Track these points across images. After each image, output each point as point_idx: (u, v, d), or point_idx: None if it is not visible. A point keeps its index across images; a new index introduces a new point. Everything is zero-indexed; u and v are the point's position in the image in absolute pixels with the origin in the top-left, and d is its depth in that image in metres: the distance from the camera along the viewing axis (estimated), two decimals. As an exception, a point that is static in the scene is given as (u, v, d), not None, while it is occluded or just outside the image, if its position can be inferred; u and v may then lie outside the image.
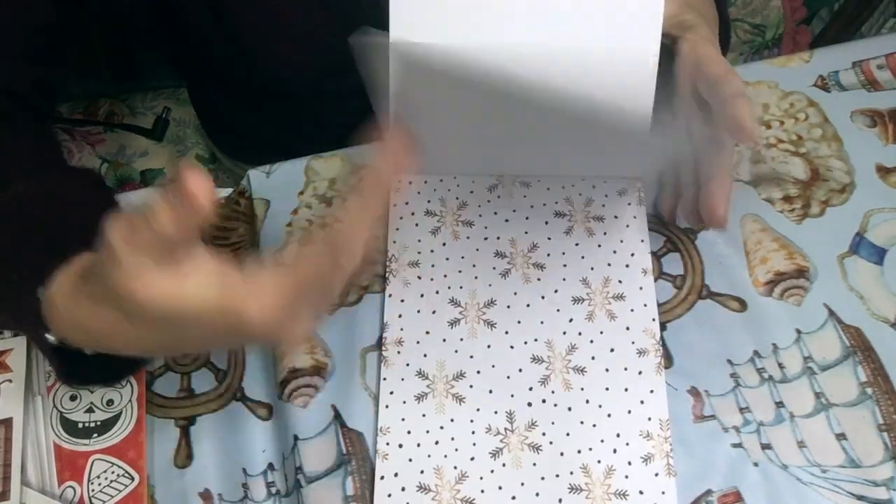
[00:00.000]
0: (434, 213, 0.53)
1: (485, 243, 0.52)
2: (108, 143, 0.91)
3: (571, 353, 0.49)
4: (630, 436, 0.46)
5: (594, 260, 0.51)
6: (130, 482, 0.46)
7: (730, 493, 0.45)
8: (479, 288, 0.50)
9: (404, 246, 0.52)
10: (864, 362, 0.49)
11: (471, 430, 0.47)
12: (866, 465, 0.46)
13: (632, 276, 0.51)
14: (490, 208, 0.53)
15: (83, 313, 0.37)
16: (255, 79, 0.65)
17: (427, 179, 0.53)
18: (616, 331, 0.49)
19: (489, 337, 0.49)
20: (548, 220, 0.52)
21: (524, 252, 0.51)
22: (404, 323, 0.50)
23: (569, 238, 0.52)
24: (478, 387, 0.48)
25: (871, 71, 0.59)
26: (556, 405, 0.47)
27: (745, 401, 0.48)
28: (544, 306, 0.50)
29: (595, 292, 0.50)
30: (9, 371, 0.48)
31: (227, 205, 0.56)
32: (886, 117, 0.58)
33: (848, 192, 0.55)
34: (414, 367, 0.49)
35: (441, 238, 0.52)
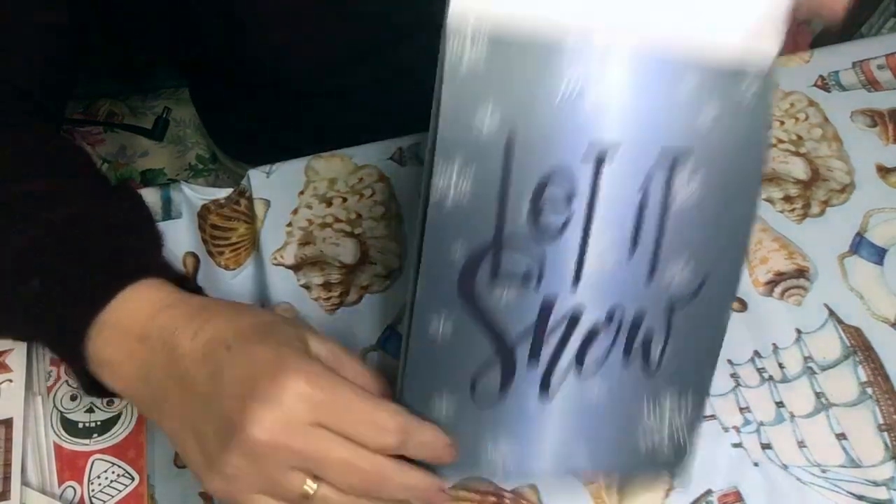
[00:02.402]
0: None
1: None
2: (108, 143, 0.91)
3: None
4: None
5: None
6: (130, 482, 0.46)
7: (730, 493, 0.45)
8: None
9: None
10: (864, 362, 0.49)
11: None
12: (866, 465, 0.46)
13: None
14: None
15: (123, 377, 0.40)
16: (257, 76, 0.65)
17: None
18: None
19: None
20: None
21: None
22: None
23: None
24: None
25: (872, 71, 0.59)
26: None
27: (745, 401, 0.48)
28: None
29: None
30: (9, 371, 0.48)
31: (227, 205, 0.56)
32: (886, 117, 0.58)
33: (848, 192, 0.55)
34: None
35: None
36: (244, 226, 0.56)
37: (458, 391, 0.40)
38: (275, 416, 0.35)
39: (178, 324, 0.39)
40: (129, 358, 0.40)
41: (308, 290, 0.52)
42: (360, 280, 0.52)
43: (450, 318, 0.39)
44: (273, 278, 0.52)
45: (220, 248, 0.55)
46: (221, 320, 0.39)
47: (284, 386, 0.35)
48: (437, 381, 0.40)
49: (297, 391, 0.35)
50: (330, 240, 0.54)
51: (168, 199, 0.56)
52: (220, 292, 0.53)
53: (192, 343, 0.38)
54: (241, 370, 0.37)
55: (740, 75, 0.39)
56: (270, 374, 0.36)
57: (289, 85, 0.65)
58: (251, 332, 0.38)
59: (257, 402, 0.35)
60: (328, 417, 0.36)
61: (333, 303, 0.52)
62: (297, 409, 0.35)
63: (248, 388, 0.36)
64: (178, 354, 0.38)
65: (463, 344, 0.39)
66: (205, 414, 0.37)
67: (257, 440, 0.35)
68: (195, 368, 0.38)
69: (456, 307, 0.39)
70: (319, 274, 0.53)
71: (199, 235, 0.55)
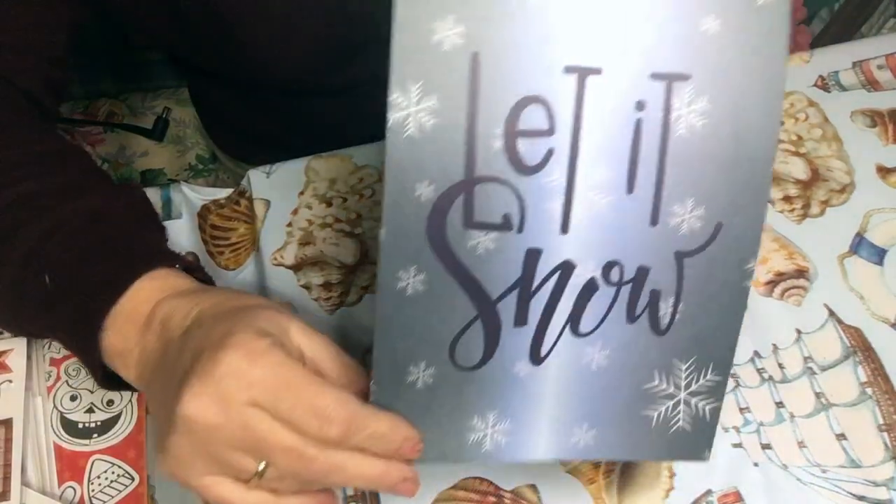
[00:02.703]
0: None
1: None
2: (108, 143, 0.91)
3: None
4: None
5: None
6: (130, 482, 0.46)
7: (730, 493, 0.45)
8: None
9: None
10: (864, 362, 0.49)
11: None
12: (866, 466, 0.46)
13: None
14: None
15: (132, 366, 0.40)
16: (254, 75, 0.65)
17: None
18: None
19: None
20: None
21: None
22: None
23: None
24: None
25: (872, 71, 0.59)
26: None
27: (745, 401, 0.48)
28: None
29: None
30: (9, 371, 0.48)
31: (227, 205, 0.56)
32: (886, 117, 0.58)
33: (848, 193, 0.55)
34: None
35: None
36: (244, 226, 0.56)
37: (437, 357, 0.35)
38: (209, 392, 0.33)
39: (175, 310, 0.39)
40: (136, 346, 0.40)
41: (308, 290, 0.52)
42: (360, 280, 0.52)
43: (421, 271, 0.34)
44: (273, 278, 0.53)
45: (220, 248, 0.55)
46: (210, 303, 0.38)
47: (220, 360, 0.33)
48: (411, 346, 0.35)
49: (231, 367, 0.33)
50: (330, 240, 0.54)
51: (168, 199, 0.56)
52: (220, 292, 0.53)
53: (180, 325, 0.38)
54: (195, 346, 0.35)
55: None
56: (211, 351, 0.34)
57: (282, 83, 0.65)
58: (226, 313, 0.37)
59: (195, 377, 0.33)
60: (264, 397, 0.33)
61: (333, 303, 0.52)
62: (231, 386, 0.33)
63: (190, 364, 0.34)
64: (167, 338, 0.38)
65: (438, 302, 0.35)
66: (164, 396, 0.36)
67: (190, 417, 0.33)
68: (172, 349, 0.37)
69: (427, 258, 0.34)
70: (319, 274, 0.53)
71: (199, 235, 0.55)
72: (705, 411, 0.38)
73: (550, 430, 0.37)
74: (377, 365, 0.35)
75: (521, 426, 0.37)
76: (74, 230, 0.43)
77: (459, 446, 0.37)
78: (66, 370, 0.49)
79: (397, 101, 0.32)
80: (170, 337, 0.38)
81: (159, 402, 0.37)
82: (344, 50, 0.61)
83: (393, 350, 0.35)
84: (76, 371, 0.49)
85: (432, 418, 0.36)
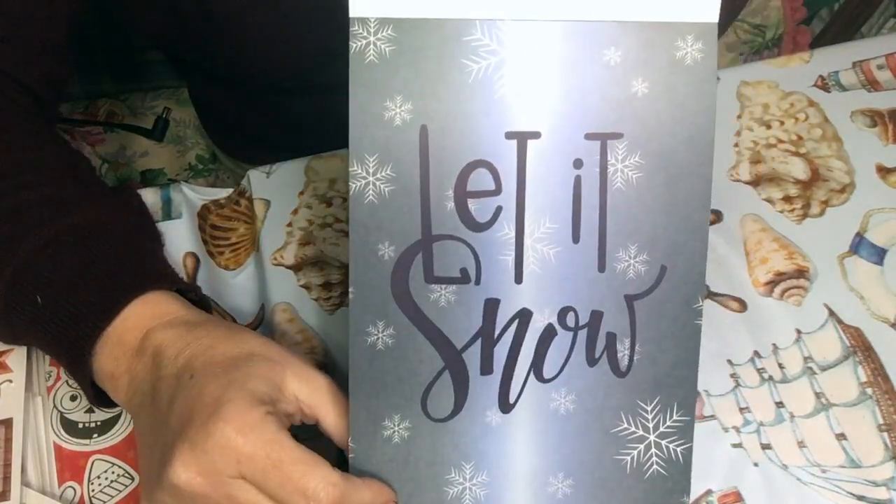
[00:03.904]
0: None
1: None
2: (108, 143, 0.91)
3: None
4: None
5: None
6: (130, 482, 0.46)
7: (730, 493, 0.45)
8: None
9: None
10: (864, 362, 0.49)
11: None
12: (866, 466, 0.46)
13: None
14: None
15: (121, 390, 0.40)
16: (252, 73, 0.65)
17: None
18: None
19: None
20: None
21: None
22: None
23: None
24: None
25: (871, 71, 0.59)
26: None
27: (745, 401, 0.48)
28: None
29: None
30: (9, 371, 0.48)
31: (227, 205, 0.56)
32: (886, 117, 0.58)
33: (848, 192, 0.55)
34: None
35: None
36: (244, 226, 0.56)
37: (410, 410, 0.38)
38: (198, 463, 0.34)
39: (167, 342, 0.39)
40: (126, 371, 0.40)
41: (308, 290, 0.52)
42: (360, 280, 0.52)
43: (388, 325, 0.37)
44: (273, 278, 0.53)
45: (220, 249, 0.55)
46: (202, 345, 0.38)
47: (211, 433, 0.34)
48: (384, 400, 0.37)
49: (223, 441, 0.34)
50: (330, 240, 0.54)
51: (168, 199, 0.56)
52: (221, 293, 0.53)
53: (170, 363, 0.38)
54: (186, 404, 0.36)
55: (674, 44, 0.36)
56: (203, 418, 0.34)
57: (281, 80, 0.65)
58: (219, 364, 0.37)
59: (186, 444, 0.34)
60: (253, 473, 0.34)
61: (333, 303, 0.52)
62: (221, 459, 0.34)
63: (182, 427, 0.35)
64: (158, 374, 0.38)
65: (407, 354, 0.37)
66: (153, 438, 0.37)
67: (178, 483, 0.34)
68: (163, 390, 0.38)
69: (393, 313, 0.37)
70: (319, 274, 0.53)
71: (199, 235, 0.55)
72: (677, 453, 0.39)
73: (526, 481, 0.38)
74: (353, 421, 0.37)
75: (497, 478, 0.38)
76: (66, 247, 0.42)
77: (439, 502, 0.38)
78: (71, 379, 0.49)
79: (356, 173, 0.36)
80: (159, 375, 0.38)
81: (146, 442, 0.38)
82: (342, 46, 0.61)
83: (367, 405, 0.37)
84: (76, 371, 0.49)
85: (410, 473, 0.38)
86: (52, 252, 0.42)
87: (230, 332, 0.40)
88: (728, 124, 0.58)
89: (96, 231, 0.44)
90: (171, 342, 0.39)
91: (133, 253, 0.44)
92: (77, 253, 0.42)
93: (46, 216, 0.43)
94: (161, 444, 0.36)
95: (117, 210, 0.47)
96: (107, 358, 0.40)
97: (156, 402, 0.38)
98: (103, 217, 0.45)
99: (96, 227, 0.44)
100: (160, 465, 0.35)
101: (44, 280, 0.41)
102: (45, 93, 0.52)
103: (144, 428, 0.39)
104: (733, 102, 0.59)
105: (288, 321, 0.51)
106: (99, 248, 0.43)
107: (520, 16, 0.35)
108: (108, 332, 0.40)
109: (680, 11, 0.35)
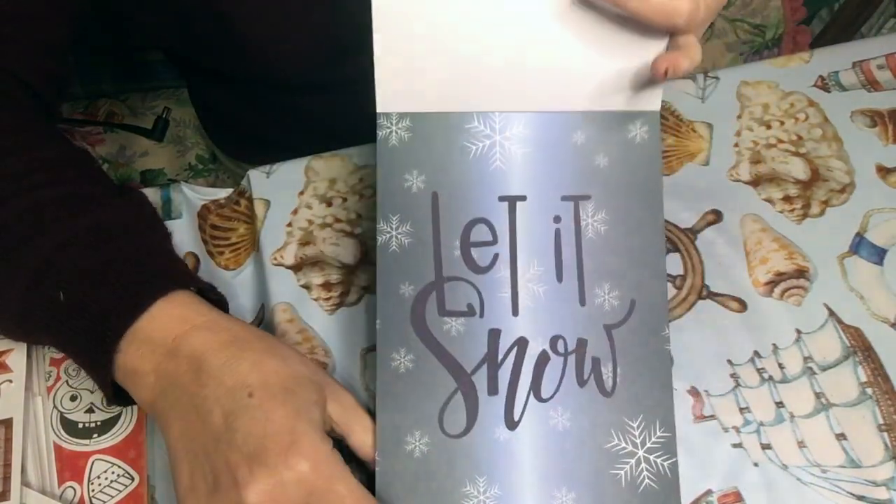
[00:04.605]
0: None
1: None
2: (108, 143, 0.91)
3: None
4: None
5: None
6: (130, 482, 0.46)
7: (730, 493, 0.45)
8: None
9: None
10: (864, 362, 0.49)
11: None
12: (866, 466, 0.46)
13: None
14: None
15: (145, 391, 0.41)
16: (255, 72, 0.65)
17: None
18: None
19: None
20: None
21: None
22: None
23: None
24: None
25: (871, 71, 0.59)
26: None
27: (745, 401, 0.48)
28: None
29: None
30: (9, 371, 0.48)
31: (227, 205, 0.56)
32: (886, 117, 0.58)
33: (848, 192, 0.55)
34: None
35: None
36: (244, 226, 0.56)
37: (428, 426, 0.43)
38: (273, 490, 0.36)
39: (208, 349, 0.40)
40: (153, 370, 0.40)
41: (308, 290, 0.52)
42: (360, 280, 0.52)
43: (409, 352, 0.44)
44: (273, 278, 0.53)
45: (220, 249, 0.55)
46: (250, 360, 0.40)
47: (290, 465, 0.37)
48: (407, 417, 0.43)
49: (299, 474, 0.37)
50: (330, 240, 0.54)
51: (168, 199, 0.56)
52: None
53: (218, 373, 0.39)
54: (256, 428, 0.38)
55: (626, 127, 0.45)
56: (282, 448, 0.37)
57: (282, 80, 0.65)
58: (275, 385, 0.39)
59: (262, 469, 0.37)
60: (317, 502, 0.37)
61: (333, 303, 0.52)
62: (294, 490, 0.37)
63: (256, 452, 0.37)
64: (202, 381, 0.39)
65: (425, 377, 0.43)
66: (209, 451, 0.38)
67: (250, 503, 0.36)
68: (213, 402, 0.38)
69: (413, 341, 0.44)
70: (319, 274, 0.53)
71: (199, 235, 0.55)
72: (665, 468, 0.43)
73: (534, 495, 0.43)
74: (380, 436, 0.43)
75: (508, 492, 0.43)
76: (87, 244, 0.43)
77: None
78: (66, 370, 0.49)
79: (383, 228, 0.44)
80: (204, 383, 0.39)
81: (186, 448, 0.39)
82: (346, 44, 0.61)
83: (392, 422, 0.43)
84: (76, 371, 0.49)
85: (430, 485, 0.43)
86: (73, 249, 0.42)
87: (271, 346, 0.42)
88: (728, 124, 0.58)
89: (115, 229, 0.44)
90: (213, 350, 0.40)
91: (153, 251, 0.45)
92: (98, 250, 0.42)
93: (64, 214, 0.44)
94: (222, 458, 0.37)
95: (131, 208, 0.47)
96: (132, 355, 0.40)
97: (201, 412, 0.39)
98: (120, 215, 0.45)
99: (115, 225, 0.44)
100: (220, 483, 0.37)
101: (66, 277, 0.41)
102: (47, 92, 0.52)
103: (181, 434, 0.39)
104: (733, 102, 0.59)
105: (288, 321, 0.51)
106: (119, 245, 0.43)
107: (507, 108, 0.45)
108: (136, 328, 0.40)
109: (630, 102, 0.45)
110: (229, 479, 0.37)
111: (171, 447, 0.40)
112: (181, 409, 0.39)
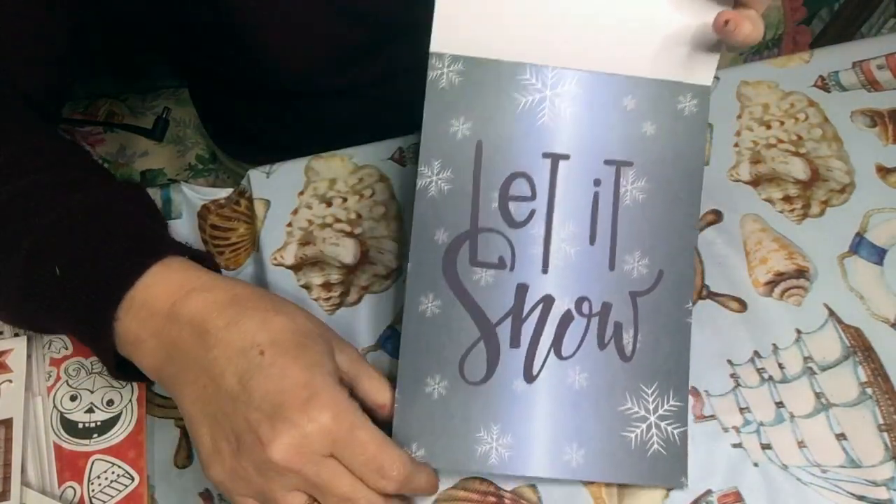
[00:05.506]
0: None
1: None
2: (108, 143, 0.91)
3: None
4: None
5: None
6: (130, 482, 0.46)
7: (730, 493, 0.45)
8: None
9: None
10: (864, 362, 0.49)
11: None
12: (866, 466, 0.46)
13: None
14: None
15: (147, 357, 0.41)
16: (255, 76, 0.65)
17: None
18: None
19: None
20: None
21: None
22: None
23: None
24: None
25: (871, 71, 0.59)
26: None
27: (745, 401, 0.48)
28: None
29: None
30: (9, 371, 0.48)
31: (227, 205, 0.56)
32: (886, 117, 0.58)
33: (848, 192, 0.55)
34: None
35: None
36: (244, 226, 0.56)
37: (449, 371, 0.44)
38: (297, 443, 0.37)
39: (209, 310, 0.40)
40: (155, 336, 0.40)
41: (308, 290, 0.52)
42: (360, 280, 0.52)
43: (437, 297, 0.44)
44: (273, 278, 0.53)
45: (220, 249, 0.55)
46: (256, 319, 0.40)
47: (312, 418, 0.37)
48: (428, 360, 0.44)
49: (321, 425, 0.38)
50: (330, 240, 0.54)
51: (168, 199, 0.56)
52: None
53: (225, 334, 0.39)
54: (273, 385, 0.38)
55: (677, 98, 0.45)
56: (301, 402, 0.38)
57: (284, 84, 0.65)
58: (286, 342, 0.39)
59: (284, 425, 0.37)
60: (342, 453, 0.38)
61: (333, 303, 0.52)
62: (318, 441, 0.38)
63: (276, 408, 0.37)
64: (208, 343, 0.39)
65: (450, 323, 0.44)
66: (227, 412, 0.38)
67: (274, 460, 0.37)
68: (225, 362, 0.39)
69: (441, 287, 0.44)
70: (319, 274, 0.53)
71: (199, 235, 0.55)
72: (674, 435, 0.45)
73: (545, 448, 0.44)
74: (401, 377, 0.44)
75: (520, 441, 0.44)
76: (82, 220, 0.43)
77: (469, 457, 0.44)
78: (66, 370, 0.49)
79: (424, 172, 0.44)
80: (211, 343, 0.39)
81: (203, 411, 0.40)
82: (350, 51, 0.61)
83: (414, 364, 0.44)
84: (76, 371, 0.49)
85: (446, 427, 0.44)
86: (68, 226, 0.42)
87: (275, 303, 0.42)
88: (728, 124, 0.58)
89: (110, 206, 0.44)
90: (215, 311, 0.40)
91: (146, 226, 0.45)
92: (93, 226, 0.43)
93: (59, 194, 0.44)
94: (242, 418, 0.38)
95: (129, 190, 0.47)
96: (131, 321, 0.40)
97: (213, 374, 0.39)
98: (115, 195, 0.45)
99: (110, 203, 0.44)
100: (243, 442, 0.38)
101: (62, 252, 0.41)
102: (47, 102, 0.53)
103: (196, 398, 0.40)
104: (733, 102, 0.59)
105: (288, 321, 0.51)
106: (114, 221, 0.43)
107: (562, 65, 0.45)
108: (132, 295, 0.40)
109: (683, 74, 0.45)
110: (252, 437, 0.37)
111: (186, 413, 0.40)
112: (191, 374, 0.40)
